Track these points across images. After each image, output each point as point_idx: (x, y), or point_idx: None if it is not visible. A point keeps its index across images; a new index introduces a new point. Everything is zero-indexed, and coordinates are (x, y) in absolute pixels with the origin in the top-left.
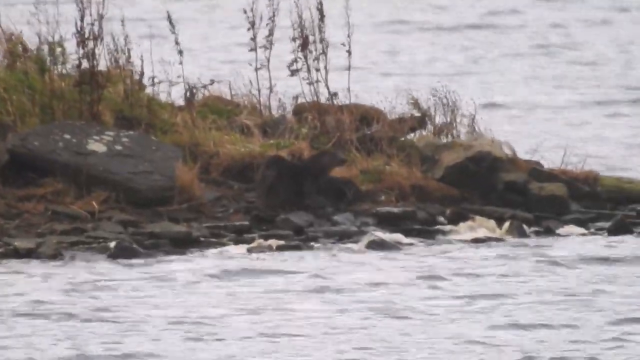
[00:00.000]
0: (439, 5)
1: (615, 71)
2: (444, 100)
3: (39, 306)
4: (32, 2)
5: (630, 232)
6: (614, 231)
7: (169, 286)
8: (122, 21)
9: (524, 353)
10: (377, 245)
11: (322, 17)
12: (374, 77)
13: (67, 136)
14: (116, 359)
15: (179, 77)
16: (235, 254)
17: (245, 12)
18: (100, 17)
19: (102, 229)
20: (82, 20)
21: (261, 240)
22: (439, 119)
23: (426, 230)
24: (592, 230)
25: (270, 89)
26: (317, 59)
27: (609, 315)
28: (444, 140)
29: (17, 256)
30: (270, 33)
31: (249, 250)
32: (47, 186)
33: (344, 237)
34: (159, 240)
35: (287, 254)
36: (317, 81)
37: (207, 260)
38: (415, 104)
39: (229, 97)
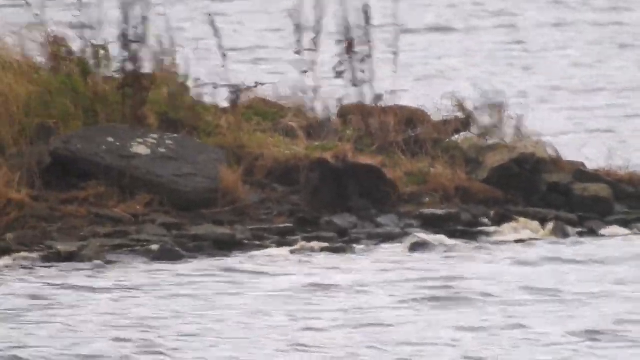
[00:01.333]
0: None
1: None
2: (491, 101)
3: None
4: (76, 5)
5: None
6: None
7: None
8: (168, 23)
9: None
10: (420, 246)
11: (367, 20)
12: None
13: (111, 139)
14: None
15: (223, 80)
16: (278, 255)
17: (290, 14)
18: (144, 19)
19: (145, 232)
20: (125, 22)
21: (304, 243)
22: (484, 120)
23: (469, 232)
24: (636, 231)
25: (316, 91)
26: (362, 61)
27: None
28: (489, 142)
29: (59, 259)
30: (316, 36)
31: (292, 253)
32: (90, 189)
33: (387, 239)
34: (203, 243)
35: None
36: (363, 82)
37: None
38: (460, 106)
39: (273, 100)
